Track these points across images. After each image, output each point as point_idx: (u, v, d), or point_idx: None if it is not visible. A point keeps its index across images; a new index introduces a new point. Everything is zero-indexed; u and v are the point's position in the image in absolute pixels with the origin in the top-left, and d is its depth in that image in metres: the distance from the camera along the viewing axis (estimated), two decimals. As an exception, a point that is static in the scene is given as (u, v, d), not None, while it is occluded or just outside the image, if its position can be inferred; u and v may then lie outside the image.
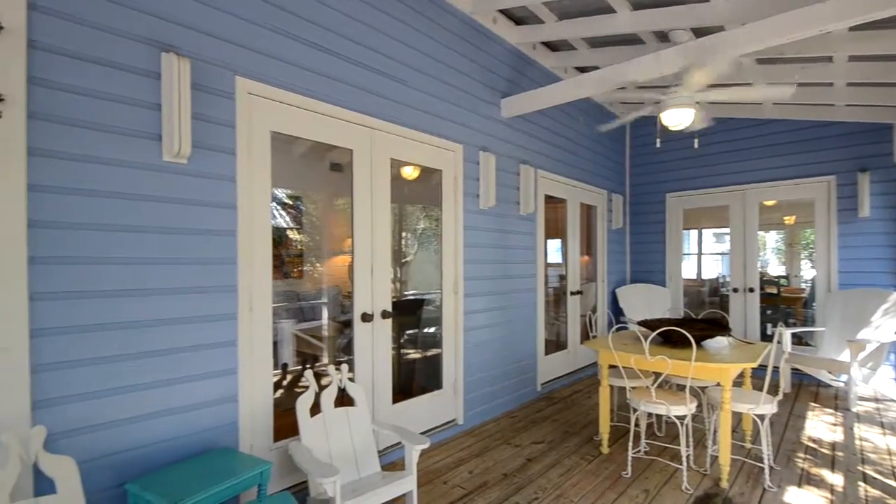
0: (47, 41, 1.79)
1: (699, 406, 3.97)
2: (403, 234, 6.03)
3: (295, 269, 6.07)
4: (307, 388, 2.44)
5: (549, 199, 5.02)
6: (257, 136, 2.49)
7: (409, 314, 4.52)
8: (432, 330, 4.34)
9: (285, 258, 5.88)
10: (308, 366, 4.61)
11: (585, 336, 5.56)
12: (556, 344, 5.36)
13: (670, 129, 3.54)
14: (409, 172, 4.28)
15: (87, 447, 1.89)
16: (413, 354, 4.45)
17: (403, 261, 6.01)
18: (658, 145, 5.62)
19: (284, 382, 4.21)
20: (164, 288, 2.11)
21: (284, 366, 4.39)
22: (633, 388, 3.24)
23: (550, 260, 5.48)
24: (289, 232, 6.10)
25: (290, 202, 6.15)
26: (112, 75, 1.96)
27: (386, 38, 3.15)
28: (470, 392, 3.84)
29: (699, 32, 3.68)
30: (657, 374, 3.18)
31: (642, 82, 3.65)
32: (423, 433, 3.32)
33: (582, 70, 5.01)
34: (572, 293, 5.46)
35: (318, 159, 5.52)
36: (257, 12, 2.45)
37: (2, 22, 1.64)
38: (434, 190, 3.80)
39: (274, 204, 2.61)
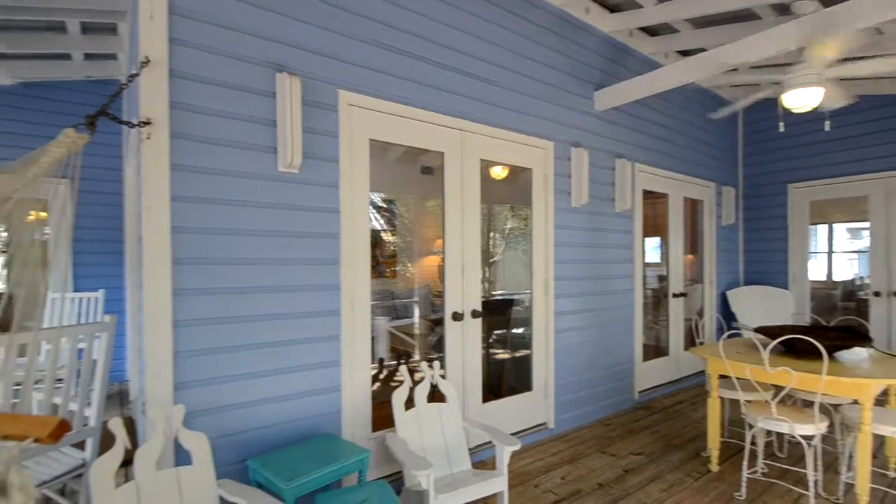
0: (184, 70, 2.06)
1: (830, 425, 3.48)
2: (491, 234, 6.03)
3: (389, 269, 6.36)
4: (402, 382, 2.54)
5: (648, 195, 4.70)
6: (357, 144, 2.65)
7: (498, 314, 4.51)
8: (521, 330, 4.29)
9: (380, 259, 6.19)
10: (402, 361, 4.80)
11: (690, 342, 5.12)
12: (655, 350, 5.02)
13: (794, 111, 3.13)
14: (498, 172, 4.26)
15: (216, 425, 2.14)
16: (502, 354, 4.43)
17: (491, 260, 6.01)
18: (781, 130, 5.00)
19: (381, 376, 4.43)
20: (279, 286, 2.33)
21: (381, 360, 4.61)
22: (749, 401, 2.93)
23: (649, 259, 5.15)
24: (383, 234, 6.41)
25: (385, 205, 6.45)
26: (236, 97, 2.20)
27: (474, 39, 3.17)
28: (561, 396, 3.74)
29: (826, 1, 3.22)
30: (778, 388, 2.84)
31: (757, 62, 3.28)
32: (512, 434, 3.30)
33: (685, 54, 4.63)
34: (675, 295, 5.07)
35: (410, 163, 5.72)
36: (354, 27, 2.60)
37: (149, 56, 1.92)
38: (523, 189, 3.75)
39: (370, 207, 2.75)
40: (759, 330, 3.03)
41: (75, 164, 1.49)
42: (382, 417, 2.68)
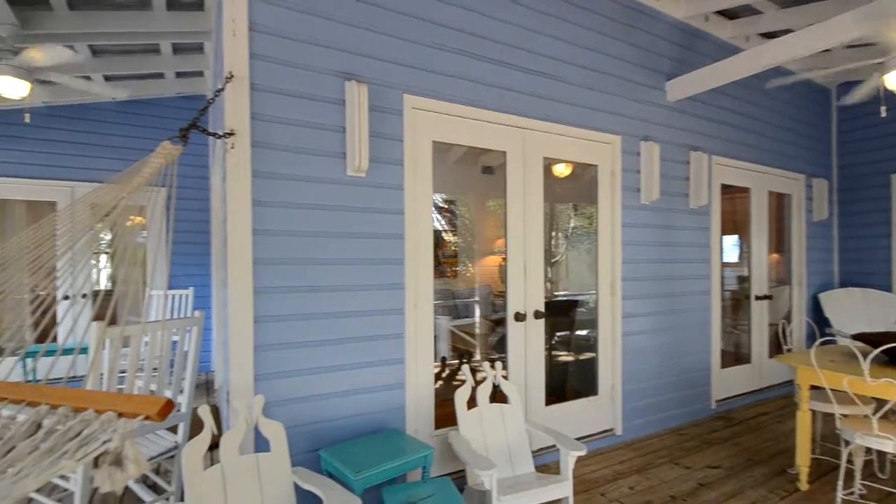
0: (263, 83, 2.21)
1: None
2: (553, 234, 5.91)
3: (450, 269, 6.42)
4: (464, 381, 2.56)
5: (727, 189, 4.39)
6: (421, 146, 2.70)
7: (561, 315, 4.41)
8: (585, 332, 4.17)
9: (441, 259, 6.27)
10: (464, 361, 4.83)
11: (777, 349, 4.72)
12: (735, 356, 4.68)
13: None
14: (561, 170, 4.17)
15: (291, 415, 2.27)
16: (565, 357, 4.33)
17: (553, 260, 5.89)
18: (883, 115, 4.48)
19: (443, 375, 4.48)
20: (348, 285, 2.44)
21: (443, 359, 4.67)
22: (846, 415, 2.65)
23: (729, 259, 4.81)
24: (444, 234, 6.48)
25: (445, 206, 6.52)
26: (309, 106, 2.33)
27: (535, 35, 3.12)
28: (629, 402, 3.59)
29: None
30: (880, 402, 2.55)
31: (854, 41, 2.95)
32: (577, 439, 3.21)
33: (769, 36, 4.27)
34: (758, 298, 4.69)
35: (471, 163, 5.74)
36: (418, 31, 2.65)
37: (233, 71, 2.08)
38: (587, 186, 3.64)
39: (432, 208, 2.80)
40: (857, 337, 2.73)
41: (172, 174, 1.65)
42: (444, 415, 2.71)
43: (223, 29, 2.15)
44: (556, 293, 5.60)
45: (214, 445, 1.85)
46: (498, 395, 2.65)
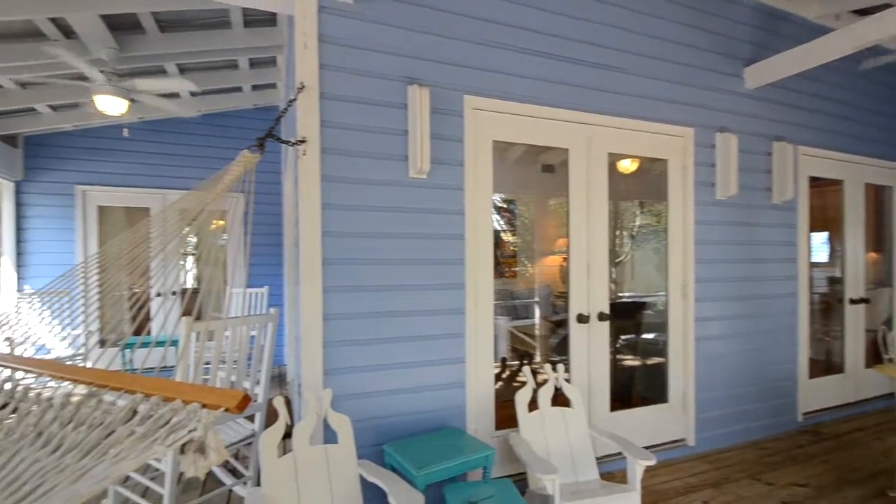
0: (331, 91, 2.32)
1: None
2: (617, 233, 5.69)
3: (509, 270, 6.38)
4: (525, 383, 2.53)
5: (816, 182, 4.01)
6: (481, 146, 2.71)
7: (626, 317, 4.25)
8: (652, 336, 3.98)
9: (500, 259, 6.24)
10: (525, 362, 4.77)
11: (876, 358, 4.24)
12: (826, 365, 4.26)
13: None
14: (627, 166, 4.01)
15: (357, 410, 2.36)
16: (631, 361, 4.16)
17: (617, 260, 5.67)
18: None
19: (503, 375, 4.46)
20: (411, 284, 2.50)
21: (503, 360, 4.65)
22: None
23: (818, 259, 4.40)
24: (503, 234, 6.45)
25: (505, 205, 6.48)
26: (373, 111, 2.41)
27: (599, 26, 3.01)
28: (703, 411, 3.38)
29: None
30: None
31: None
32: (644, 448, 3.07)
33: (863, 13, 3.85)
34: (852, 301, 4.25)
35: (531, 162, 5.67)
36: (478, 32, 2.66)
37: (304, 82, 2.20)
38: (655, 182, 3.47)
39: (492, 208, 2.80)
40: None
41: (250, 180, 1.77)
42: (505, 416, 2.70)
43: (295, 42, 2.28)
44: (620, 294, 5.40)
45: (287, 435, 1.97)
46: (559, 399, 2.60)
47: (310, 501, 1.92)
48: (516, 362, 4.85)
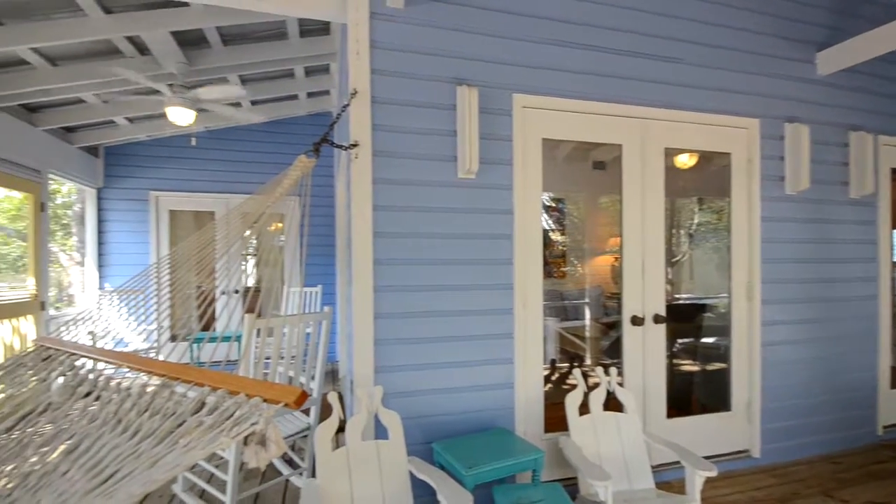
0: (382, 96, 2.37)
1: None
2: (674, 231, 5.45)
3: (558, 270, 6.26)
4: (575, 386, 2.48)
5: (900, 176, 3.66)
6: (530, 145, 2.68)
7: (684, 320, 4.05)
8: (713, 340, 3.78)
9: (548, 259, 6.13)
10: (575, 364, 4.67)
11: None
12: (912, 375, 3.87)
13: None
14: (685, 161, 3.83)
15: (406, 407, 2.39)
16: (689, 366, 3.97)
17: (674, 260, 5.43)
18: None
19: (553, 378, 4.38)
20: (459, 284, 2.51)
21: (553, 361, 4.57)
22: None
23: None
24: (551, 234, 6.34)
25: (553, 204, 6.37)
26: (422, 113, 2.45)
27: (653, 16, 2.89)
28: (770, 421, 3.16)
29: None
30: None
31: None
32: (704, 458, 2.92)
33: (961, -14, 3.47)
34: (945, 307, 3.83)
35: (581, 159, 5.53)
36: (527, 29, 2.63)
37: (357, 87, 2.27)
38: (716, 177, 3.29)
39: (541, 207, 2.76)
40: None
41: (306, 184, 1.85)
42: (554, 419, 2.66)
43: (348, 49, 2.35)
44: (677, 296, 5.16)
45: (341, 429, 2.03)
46: (612, 403, 2.52)
47: (362, 494, 1.97)
48: (566, 364, 4.75)
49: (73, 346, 1.56)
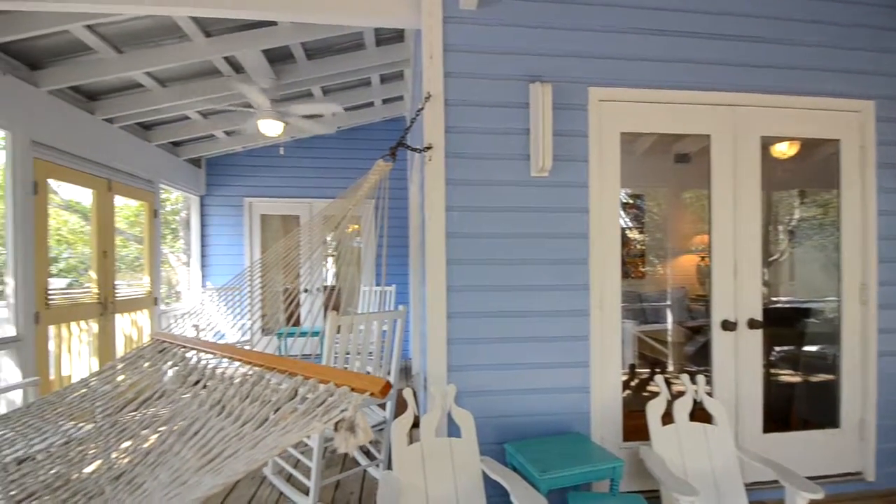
0: (455, 98, 2.41)
1: None
2: (770, 228, 4.98)
3: (636, 270, 5.96)
4: (657, 393, 2.35)
5: None
6: (607, 140, 2.58)
7: (783, 326, 3.69)
8: (817, 348, 3.41)
9: (625, 258, 5.86)
10: (657, 370, 4.43)
11: None
12: None
13: None
14: (783, 150, 3.49)
15: (478, 406, 2.40)
16: (789, 377, 3.61)
17: (771, 259, 4.97)
18: None
19: (632, 384, 4.19)
20: (534, 284, 2.48)
21: (632, 366, 4.37)
22: None
23: None
24: (629, 232, 6.05)
25: (631, 201, 6.07)
26: (494, 113, 2.45)
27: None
28: (887, 440, 2.79)
29: None
30: None
31: None
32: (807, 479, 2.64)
33: None
34: None
35: (662, 153, 5.23)
36: (602, 19, 2.53)
37: (430, 91, 2.33)
38: (821, 167, 2.97)
39: (619, 205, 2.65)
40: None
41: (384, 187, 1.92)
42: (633, 427, 2.54)
43: (422, 54, 2.42)
44: (775, 299, 4.71)
45: (415, 425, 2.09)
46: (698, 414, 2.36)
47: (436, 489, 2.02)
48: (646, 370, 4.51)
49: (183, 339, 1.75)
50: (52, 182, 3.88)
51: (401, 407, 2.22)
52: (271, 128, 4.41)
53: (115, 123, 4.56)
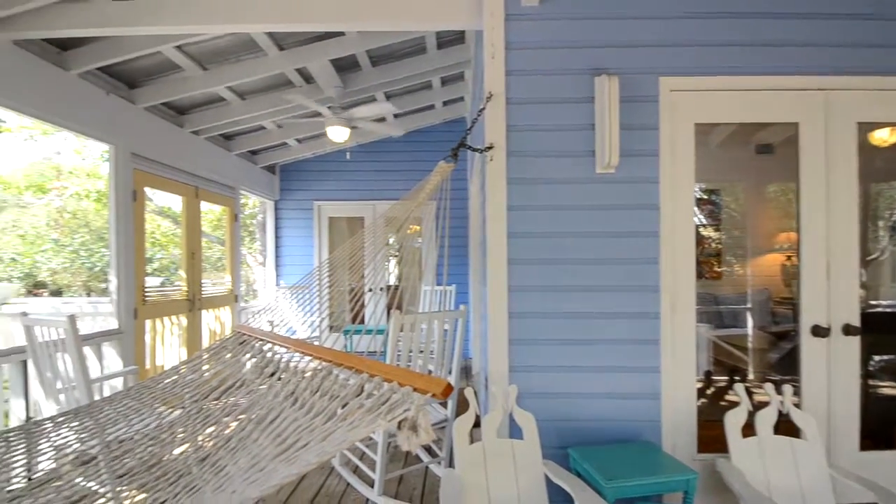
0: (516, 96, 2.39)
1: None
2: (869, 224, 4.47)
3: (711, 270, 5.59)
4: (736, 403, 2.19)
5: None
6: (679, 132, 2.44)
7: (885, 332, 3.31)
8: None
9: (699, 258, 5.51)
10: (736, 378, 4.14)
11: None
12: None
13: None
14: (884, 137, 3.13)
15: (540, 409, 2.34)
16: (890, 389, 3.23)
17: (869, 259, 4.47)
18: None
19: (707, 392, 3.94)
20: (597, 285, 2.40)
21: (707, 373, 4.10)
22: None
23: None
24: (703, 229, 5.69)
25: (706, 196, 5.71)
26: (559, 109, 2.40)
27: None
28: None
29: None
30: None
31: None
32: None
33: None
34: None
35: (740, 143, 4.87)
36: (672, 4, 2.39)
37: (492, 90, 2.32)
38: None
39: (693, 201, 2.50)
40: None
41: (445, 188, 1.95)
42: (708, 438, 2.38)
43: (483, 54, 2.42)
44: (874, 303, 4.23)
45: (476, 424, 2.09)
46: (782, 427, 2.18)
47: (498, 490, 2.01)
48: (724, 378, 4.22)
49: (261, 333, 1.87)
50: (147, 190, 4.30)
51: (462, 406, 2.23)
52: (338, 134, 4.61)
53: (201, 135, 4.97)
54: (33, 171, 10.87)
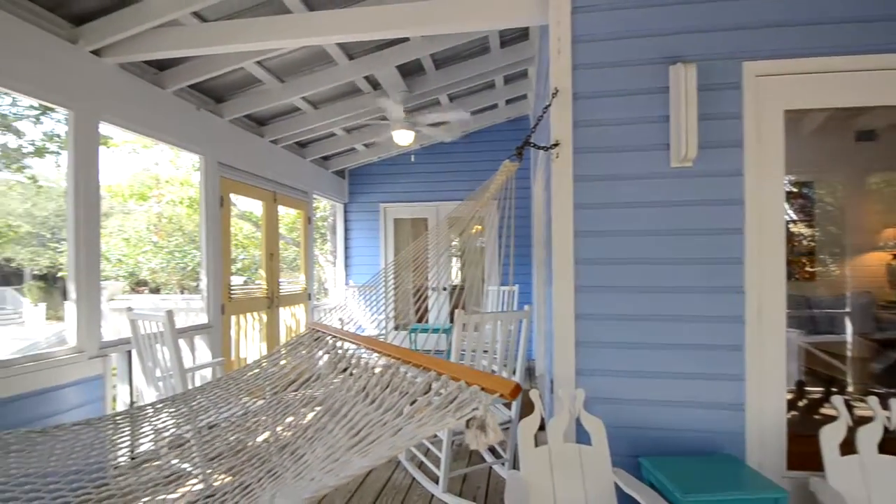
0: (583, 91, 2.31)
1: None
2: None
3: (802, 270, 5.11)
4: (833, 417, 1.98)
5: None
6: (767, 120, 2.24)
7: None
8: None
9: (789, 257, 5.05)
10: (833, 390, 3.75)
11: None
12: None
13: None
14: None
15: (610, 414, 2.26)
16: None
17: None
18: None
19: (799, 404, 3.60)
20: (671, 286, 2.27)
21: (799, 384, 3.76)
22: None
23: None
24: (793, 226, 5.20)
25: (796, 190, 5.22)
26: (628, 102, 2.30)
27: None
28: None
29: None
30: None
31: None
32: None
33: None
34: None
35: (838, 130, 4.42)
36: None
37: (558, 86, 2.27)
38: None
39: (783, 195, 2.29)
40: None
41: (510, 187, 1.94)
42: (800, 454, 2.17)
43: (549, 49, 2.37)
44: None
45: (541, 427, 2.06)
46: (888, 446, 1.94)
47: (564, 495, 1.96)
48: (819, 389, 3.83)
49: (334, 330, 1.97)
50: (231, 196, 4.67)
51: (526, 408, 2.20)
52: (403, 137, 4.72)
53: (279, 144, 5.31)
54: (135, 180, 12.19)
